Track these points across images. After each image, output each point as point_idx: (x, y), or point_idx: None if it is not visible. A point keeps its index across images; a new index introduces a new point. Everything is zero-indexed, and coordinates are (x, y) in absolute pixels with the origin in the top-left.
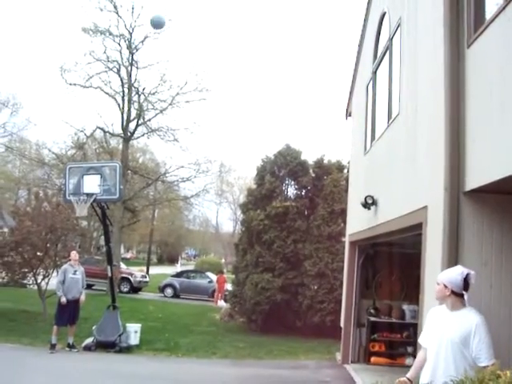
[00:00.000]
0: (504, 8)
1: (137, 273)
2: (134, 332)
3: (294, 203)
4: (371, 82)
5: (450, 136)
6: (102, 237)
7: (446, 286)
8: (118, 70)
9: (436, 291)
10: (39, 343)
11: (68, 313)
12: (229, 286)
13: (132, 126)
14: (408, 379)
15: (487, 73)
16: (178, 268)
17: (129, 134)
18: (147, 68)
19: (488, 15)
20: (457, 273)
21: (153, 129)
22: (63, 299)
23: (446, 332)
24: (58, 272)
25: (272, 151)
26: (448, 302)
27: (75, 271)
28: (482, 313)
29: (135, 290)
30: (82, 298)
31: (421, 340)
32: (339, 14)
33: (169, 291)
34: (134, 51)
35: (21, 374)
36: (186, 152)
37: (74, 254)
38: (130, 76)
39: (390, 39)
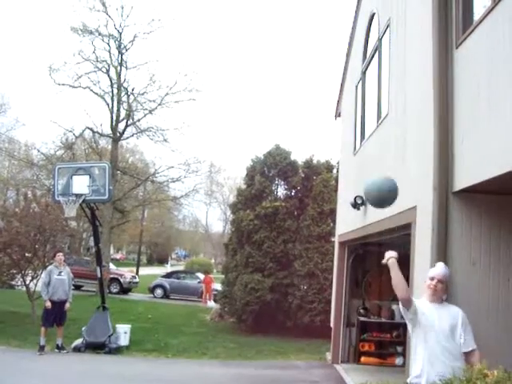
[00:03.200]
0: (491, 10)
1: (126, 273)
2: (123, 333)
3: (284, 203)
4: (361, 82)
5: (438, 136)
6: (92, 237)
7: (447, 287)
8: (108, 70)
9: (439, 289)
10: (28, 345)
11: (55, 314)
12: (217, 286)
13: (121, 126)
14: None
15: (475, 74)
16: (168, 268)
17: (118, 134)
18: (136, 68)
19: (476, 16)
20: (446, 267)
21: (142, 129)
22: (47, 304)
23: (437, 324)
24: None
25: (262, 151)
26: (440, 297)
27: (60, 272)
28: (471, 312)
29: (125, 290)
30: (67, 305)
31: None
32: (329, 15)
33: (159, 292)
34: (124, 51)
35: (9, 376)
36: (175, 152)
37: (58, 256)
38: (119, 76)
39: (380, 39)
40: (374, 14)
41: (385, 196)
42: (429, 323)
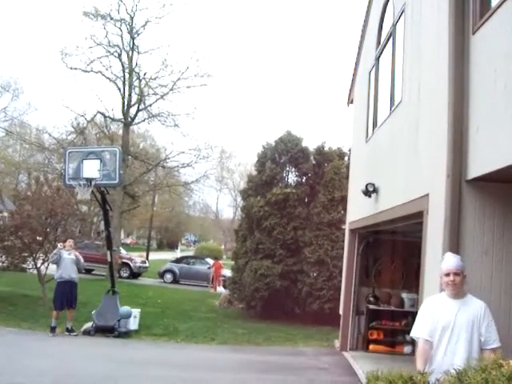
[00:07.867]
0: None
1: (136, 258)
2: (133, 317)
3: (295, 190)
4: (374, 68)
5: (452, 123)
6: (102, 222)
7: (464, 276)
8: (119, 55)
9: (458, 283)
10: (39, 327)
11: (66, 296)
12: (226, 272)
13: (133, 111)
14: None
15: (492, 60)
16: (178, 254)
17: (129, 119)
18: (148, 53)
19: (494, 2)
20: (456, 257)
21: (153, 114)
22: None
23: (457, 319)
24: None
25: (273, 138)
26: (462, 289)
27: (70, 253)
28: (483, 301)
29: (135, 275)
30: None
31: (420, 333)
32: (343, 1)
33: (168, 277)
34: (135, 36)
35: (20, 357)
36: (186, 138)
37: (69, 242)
38: (130, 61)
39: (394, 25)
40: (388, 0)
41: None
42: (446, 323)
